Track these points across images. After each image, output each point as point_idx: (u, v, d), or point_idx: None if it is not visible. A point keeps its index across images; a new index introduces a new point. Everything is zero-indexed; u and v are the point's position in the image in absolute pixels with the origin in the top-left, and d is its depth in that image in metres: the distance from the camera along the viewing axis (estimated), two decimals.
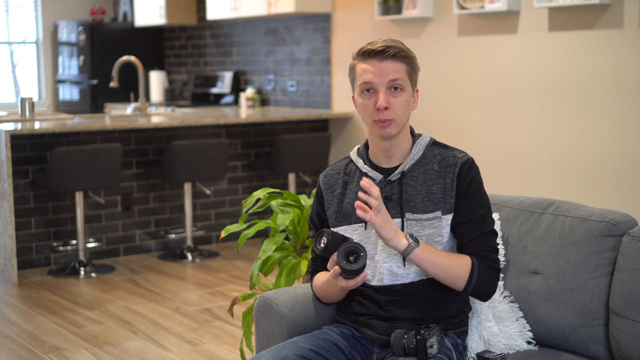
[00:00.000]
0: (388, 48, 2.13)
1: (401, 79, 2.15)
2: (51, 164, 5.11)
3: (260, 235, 5.90)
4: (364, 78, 2.15)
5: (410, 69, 2.18)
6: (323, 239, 2.11)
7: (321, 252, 2.10)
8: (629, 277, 2.19)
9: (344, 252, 2.06)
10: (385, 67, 2.13)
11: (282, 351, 2.10)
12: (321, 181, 2.35)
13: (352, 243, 2.07)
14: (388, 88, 2.14)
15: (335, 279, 2.11)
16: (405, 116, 2.18)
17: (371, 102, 2.16)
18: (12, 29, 8.60)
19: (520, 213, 2.48)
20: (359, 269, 2.06)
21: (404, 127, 2.21)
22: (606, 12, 4.55)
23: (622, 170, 4.56)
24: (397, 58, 2.14)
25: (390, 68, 2.14)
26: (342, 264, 2.06)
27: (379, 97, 2.14)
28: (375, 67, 2.14)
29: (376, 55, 2.14)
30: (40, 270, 5.46)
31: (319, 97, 6.64)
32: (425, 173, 2.21)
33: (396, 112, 2.15)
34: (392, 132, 2.16)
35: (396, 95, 2.15)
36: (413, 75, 2.19)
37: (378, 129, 2.17)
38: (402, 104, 2.16)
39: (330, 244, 2.09)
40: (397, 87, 2.15)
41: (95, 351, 3.91)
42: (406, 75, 2.16)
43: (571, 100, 4.79)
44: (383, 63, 2.14)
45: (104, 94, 7.90)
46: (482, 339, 2.30)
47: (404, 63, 2.16)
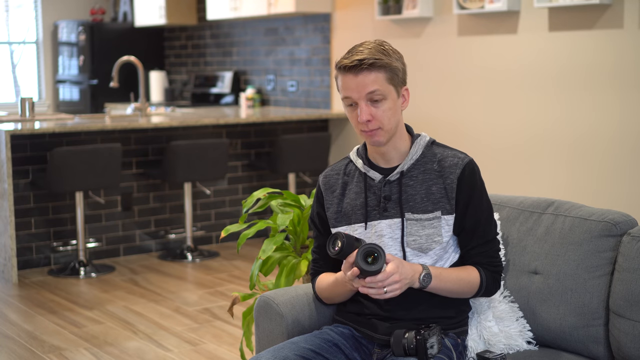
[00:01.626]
0: (361, 61, 2.09)
1: (379, 89, 2.11)
2: (51, 164, 5.11)
3: (260, 235, 5.90)
4: (343, 93, 2.15)
5: (391, 75, 2.13)
6: (338, 242, 2.08)
7: (336, 255, 2.08)
8: (629, 277, 2.19)
9: (362, 254, 2.04)
10: (361, 81, 2.11)
11: (282, 351, 2.10)
12: (321, 182, 2.35)
13: (370, 244, 2.04)
14: (368, 100, 2.13)
15: (351, 281, 2.09)
16: (393, 121, 2.16)
17: (354, 114, 2.16)
18: (12, 29, 8.60)
19: (520, 213, 2.48)
20: (379, 269, 2.04)
21: (397, 131, 2.20)
22: (606, 12, 4.55)
23: (623, 170, 4.56)
24: (373, 69, 2.10)
25: (367, 80, 2.10)
26: (361, 265, 2.03)
27: (360, 110, 2.13)
28: (352, 81, 2.12)
29: (351, 70, 2.11)
30: (40, 270, 5.46)
31: (319, 97, 6.64)
32: (424, 173, 2.21)
33: (381, 121, 2.14)
34: (381, 139, 2.17)
35: (378, 106, 2.13)
36: (396, 79, 2.15)
37: (367, 138, 2.18)
38: (385, 113, 2.14)
39: (345, 246, 2.07)
40: (377, 99, 2.12)
41: (95, 351, 3.91)
42: (386, 82, 2.12)
43: (571, 100, 4.79)
44: (359, 77, 2.11)
45: (104, 94, 7.90)
46: (482, 339, 2.30)
47: (381, 72, 2.11)
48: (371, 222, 2.21)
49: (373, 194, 2.22)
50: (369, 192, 2.23)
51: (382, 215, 2.20)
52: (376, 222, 2.20)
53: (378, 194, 2.21)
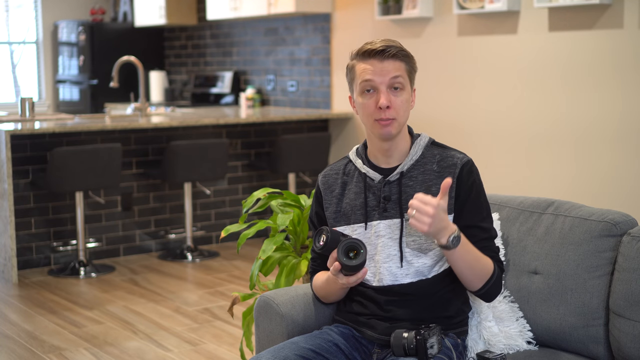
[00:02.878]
0: (389, 47, 2.14)
1: (402, 78, 2.15)
2: (51, 164, 5.11)
3: (260, 235, 5.90)
4: (364, 77, 2.15)
5: (410, 68, 2.19)
6: (322, 237, 2.11)
7: (320, 249, 2.11)
8: (629, 277, 2.19)
9: (343, 248, 2.06)
10: (386, 66, 2.14)
11: (282, 351, 2.10)
12: (320, 181, 2.35)
13: (352, 239, 2.07)
14: (389, 87, 2.15)
15: (335, 276, 2.11)
16: (406, 115, 2.19)
17: (372, 101, 2.16)
18: (12, 29, 8.60)
19: (520, 213, 2.48)
20: (359, 264, 2.05)
21: (404, 127, 2.21)
22: (606, 12, 4.55)
23: (623, 170, 4.56)
24: (398, 57, 2.15)
25: (391, 67, 2.14)
26: (342, 260, 2.05)
27: (380, 96, 2.14)
28: (376, 66, 2.14)
29: (377, 55, 2.14)
30: (40, 270, 5.46)
31: (319, 97, 6.64)
32: (424, 173, 2.21)
33: (397, 111, 2.15)
34: (393, 131, 2.17)
35: (397, 95, 2.15)
36: (412, 75, 2.20)
37: (379, 129, 2.17)
38: (403, 103, 2.16)
39: (329, 241, 2.09)
40: (398, 87, 2.15)
41: (95, 351, 3.91)
42: (406, 74, 2.17)
43: (572, 100, 4.79)
44: (384, 62, 2.14)
45: (104, 94, 7.90)
46: (482, 339, 2.30)
47: (404, 62, 2.16)
48: (371, 223, 2.21)
49: (373, 194, 2.22)
50: (368, 192, 2.23)
51: (381, 216, 2.20)
52: (375, 223, 2.20)
53: (378, 194, 2.21)
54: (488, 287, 2.17)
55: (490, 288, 2.18)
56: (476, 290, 2.18)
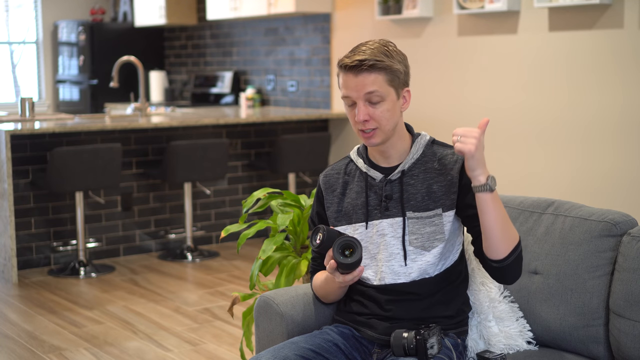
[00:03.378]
0: (362, 62, 2.10)
1: (378, 91, 2.12)
2: (51, 164, 5.11)
3: (260, 235, 5.90)
4: (343, 92, 2.16)
5: (391, 77, 2.13)
6: (319, 235, 2.11)
7: (317, 248, 2.11)
8: (629, 277, 2.19)
9: (339, 246, 2.06)
10: (361, 81, 2.11)
11: (282, 351, 2.10)
12: (321, 181, 2.35)
13: (347, 237, 2.07)
14: (366, 100, 2.13)
15: (332, 274, 2.11)
16: (391, 123, 2.16)
17: (352, 114, 2.16)
18: (12, 29, 8.60)
19: (520, 213, 2.48)
20: (355, 262, 2.05)
21: (395, 132, 2.19)
22: (606, 12, 4.55)
23: (622, 170, 4.56)
24: (373, 70, 2.11)
25: (367, 81, 2.11)
26: (337, 258, 2.06)
27: (357, 110, 2.13)
28: (352, 81, 2.12)
29: (352, 70, 2.12)
30: (40, 270, 5.46)
31: (319, 97, 6.64)
32: (425, 172, 2.21)
33: (379, 122, 2.14)
34: (376, 141, 2.16)
35: (376, 107, 2.13)
36: (396, 81, 2.15)
37: (364, 139, 2.18)
38: (383, 114, 2.14)
39: (326, 239, 2.09)
40: (375, 100, 2.12)
41: (95, 351, 3.91)
42: (385, 84, 2.12)
43: (572, 100, 4.79)
44: (359, 77, 2.11)
45: (104, 94, 7.90)
46: (482, 339, 2.30)
47: (381, 73, 2.12)
48: (372, 222, 2.21)
49: (374, 194, 2.22)
50: (370, 191, 2.23)
51: (383, 215, 2.20)
52: (377, 222, 2.21)
53: (379, 193, 2.22)
54: (514, 257, 2.10)
55: (515, 259, 2.10)
56: (502, 257, 2.09)
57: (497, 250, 2.09)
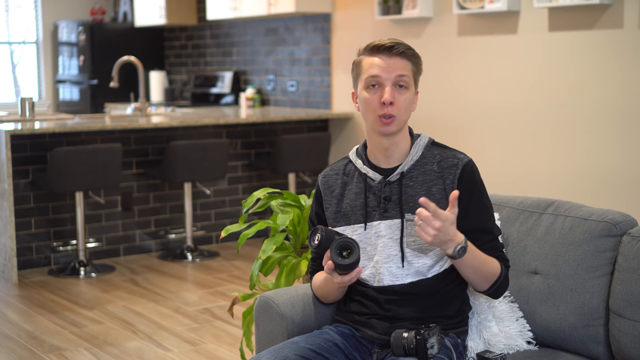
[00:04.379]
0: (397, 45, 2.16)
1: (407, 77, 2.16)
2: (51, 164, 5.11)
3: (260, 235, 5.90)
4: (371, 72, 2.16)
5: (416, 69, 2.20)
6: (317, 236, 2.11)
7: (315, 248, 2.11)
8: (629, 277, 2.19)
9: (336, 247, 2.06)
10: (393, 63, 2.15)
11: (282, 351, 2.10)
12: (320, 181, 2.35)
13: (345, 238, 2.07)
14: (394, 84, 2.15)
15: (330, 275, 2.12)
16: (407, 115, 2.19)
17: (376, 96, 2.16)
18: (12, 29, 8.60)
19: (520, 213, 2.48)
20: (352, 263, 2.05)
21: (404, 127, 2.21)
22: (606, 12, 4.55)
23: (622, 170, 4.56)
24: (406, 56, 2.17)
25: (398, 64, 2.15)
26: (335, 259, 2.06)
27: (384, 92, 2.14)
28: (384, 62, 2.15)
29: (385, 51, 2.16)
30: (40, 270, 5.46)
31: (319, 97, 6.64)
32: (424, 174, 2.21)
33: (399, 109, 2.15)
34: (393, 129, 2.17)
35: (401, 93, 2.16)
36: (417, 76, 2.21)
37: (380, 125, 2.17)
38: (405, 102, 2.17)
39: (324, 240, 2.09)
40: (403, 85, 2.16)
41: (95, 351, 3.91)
42: (412, 74, 2.18)
43: (571, 100, 4.79)
44: (392, 59, 2.15)
45: (104, 94, 7.90)
46: (482, 339, 2.30)
47: (411, 62, 2.18)
48: (371, 223, 2.21)
49: (373, 195, 2.22)
50: (369, 192, 2.23)
51: (382, 216, 2.20)
52: (376, 223, 2.20)
53: (378, 194, 2.21)
54: (495, 287, 2.19)
55: (497, 288, 2.20)
56: (483, 290, 2.21)
57: (476, 287, 2.22)
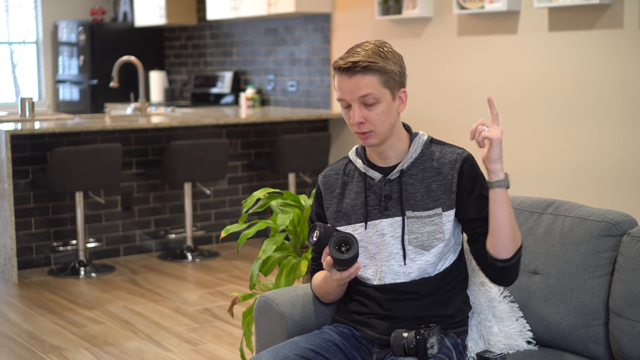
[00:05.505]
0: (355, 64, 2.08)
1: (373, 93, 2.10)
2: (51, 164, 5.11)
3: (260, 235, 5.90)
4: (338, 94, 2.15)
5: (386, 78, 2.12)
6: (315, 232, 2.11)
7: (313, 245, 2.10)
8: (629, 277, 2.19)
9: (335, 243, 2.06)
10: (354, 83, 2.10)
11: (282, 351, 2.10)
12: (320, 181, 2.35)
13: (343, 233, 2.07)
14: (361, 103, 2.12)
15: (329, 271, 2.11)
16: (387, 124, 2.15)
17: (349, 116, 2.16)
18: (12, 29, 8.60)
19: (520, 213, 2.48)
20: (351, 258, 2.05)
21: (392, 133, 2.19)
22: (606, 12, 4.55)
23: (622, 170, 4.56)
24: (367, 72, 2.09)
25: (361, 83, 2.10)
26: (333, 254, 2.06)
27: (352, 112, 2.13)
28: (345, 83, 2.11)
29: (345, 72, 2.10)
30: (40, 270, 5.46)
31: (319, 97, 6.64)
32: (424, 171, 2.21)
33: (374, 124, 2.13)
34: (373, 142, 2.16)
35: (371, 109, 2.12)
36: (391, 83, 2.14)
37: (361, 140, 2.18)
38: (378, 116, 2.13)
39: (322, 236, 2.09)
40: (370, 102, 2.12)
41: (95, 351, 3.91)
42: (380, 86, 2.11)
43: (571, 100, 4.79)
44: (352, 79, 2.10)
45: (104, 94, 7.90)
46: (482, 339, 2.30)
47: (375, 75, 2.10)
48: (372, 222, 2.21)
49: (373, 193, 2.22)
50: (369, 191, 2.23)
51: (382, 214, 2.20)
52: (377, 221, 2.20)
53: (378, 193, 2.22)
54: (517, 258, 2.11)
55: (518, 260, 2.12)
56: (509, 256, 2.10)
57: (505, 249, 2.10)
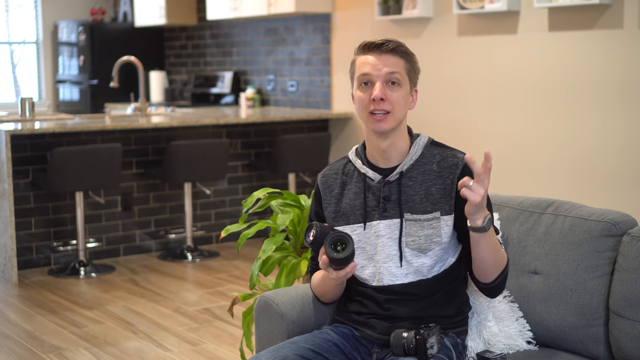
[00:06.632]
0: (388, 42, 2.17)
1: (399, 73, 2.16)
2: (51, 164, 5.11)
3: (260, 235, 5.90)
4: (362, 70, 2.17)
5: (410, 67, 2.19)
6: (312, 232, 2.11)
7: (310, 244, 2.10)
8: (629, 277, 2.19)
9: (330, 242, 2.06)
10: (383, 60, 2.15)
11: (282, 351, 2.10)
12: (319, 181, 2.35)
13: (339, 232, 2.07)
14: (385, 81, 2.15)
15: (326, 270, 2.12)
16: (403, 112, 2.18)
17: (367, 94, 2.16)
18: (12, 29, 8.60)
19: (520, 213, 2.48)
20: (346, 257, 2.05)
21: (400, 125, 2.20)
22: (606, 12, 4.55)
23: (622, 170, 4.56)
24: (396, 53, 2.17)
25: (388, 61, 2.15)
26: (329, 253, 2.05)
27: (375, 88, 2.15)
28: (374, 59, 2.16)
29: (375, 49, 2.16)
30: (40, 270, 5.46)
31: (319, 97, 6.64)
32: (424, 173, 2.20)
33: (393, 105, 2.15)
34: (386, 126, 2.15)
35: (393, 90, 2.15)
36: (412, 74, 2.19)
37: (372, 123, 2.16)
38: (399, 98, 2.16)
39: (318, 235, 2.09)
40: (395, 82, 2.15)
41: (95, 351, 3.91)
42: (404, 71, 2.17)
43: (571, 100, 4.79)
44: (382, 56, 2.16)
45: (104, 94, 7.90)
46: (482, 339, 2.30)
47: (402, 59, 2.17)
48: (370, 223, 2.21)
49: (372, 194, 2.22)
50: (368, 192, 2.23)
51: (381, 216, 2.20)
52: (375, 223, 2.20)
53: (377, 194, 2.21)
54: (501, 279, 2.16)
55: (502, 280, 2.17)
56: (490, 281, 2.15)
57: (485, 276, 2.16)
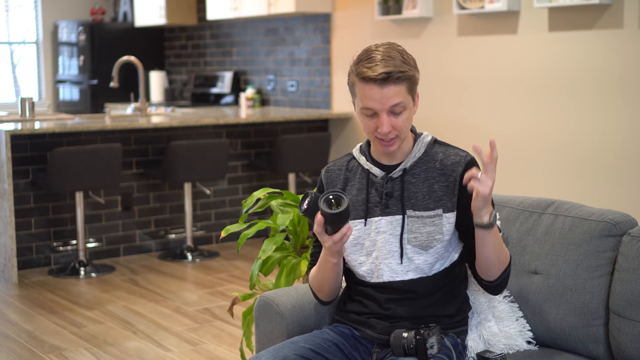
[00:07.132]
0: (389, 74, 2.07)
1: (402, 102, 2.11)
2: (51, 164, 5.11)
3: (260, 235, 5.90)
4: (365, 104, 2.12)
5: (411, 85, 2.13)
6: (307, 200, 2.08)
7: (304, 212, 2.07)
8: (629, 277, 2.19)
9: (325, 199, 2.02)
10: (386, 93, 2.09)
11: (282, 351, 2.10)
12: (323, 175, 2.35)
13: (333, 190, 2.04)
14: (390, 112, 2.12)
15: (321, 238, 2.10)
16: (409, 129, 2.18)
17: (372, 123, 2.14)
18: (12, 29, 8.60)
19: (520, 213, 2.48)
20: (341, 212, 2.01)
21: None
22: (606, 12, 4.55)
23: (622, 170, 4.56)
24: (399, 81, 2.09)
25: (391, 93, 2.09)
26: (323, 208, 2.01)
27: (381, 122, 2.11)
28: (376, 93, 2.09)
29: (377, 82, 2.08)
30: (40, 270, 5.46)
31: (319, 97, 6.64)
32: (427, 171, 2.21)
33: (399, 131, 2.14)
34: (394, 148, 2.17)
35: (399, 116, 2.13)
36: (414, 89, 2.15)
37: (380, 145, 2.17)
38: (404, 123, 2.14)
39: (313, 203, 2.06)
40: (399, 111, 2.12)
41: (95, 351, 3.91)
42: (406, 93, 2.12)
43: (571, 100, 4.79)
44: (384, 89, 2.09)
45: (104, 94, 7.90)
46: (482, 339, 2.30)
47: (404, 83, 2.11)
48: (371, 219, 2.21)
49: (375, 191, 2.23)
50: (371, 188, 2.23)
51: (383, 212, 2.20)
52: (377, 219, 2.21)
53: (380, 190, 2.22)
54: (504, 277, 2.18)
55: (505, 278, 2.18)
56: (494, 279, 2.17)
57: (489, 274, 2.17)
